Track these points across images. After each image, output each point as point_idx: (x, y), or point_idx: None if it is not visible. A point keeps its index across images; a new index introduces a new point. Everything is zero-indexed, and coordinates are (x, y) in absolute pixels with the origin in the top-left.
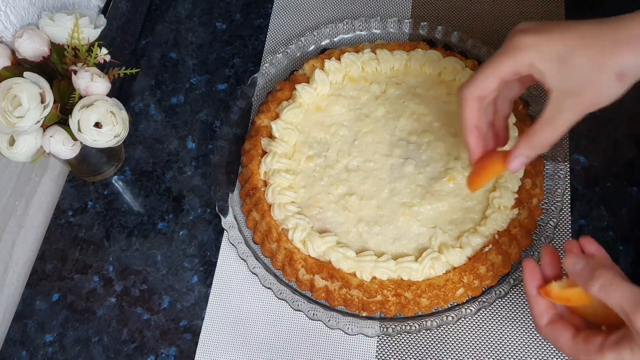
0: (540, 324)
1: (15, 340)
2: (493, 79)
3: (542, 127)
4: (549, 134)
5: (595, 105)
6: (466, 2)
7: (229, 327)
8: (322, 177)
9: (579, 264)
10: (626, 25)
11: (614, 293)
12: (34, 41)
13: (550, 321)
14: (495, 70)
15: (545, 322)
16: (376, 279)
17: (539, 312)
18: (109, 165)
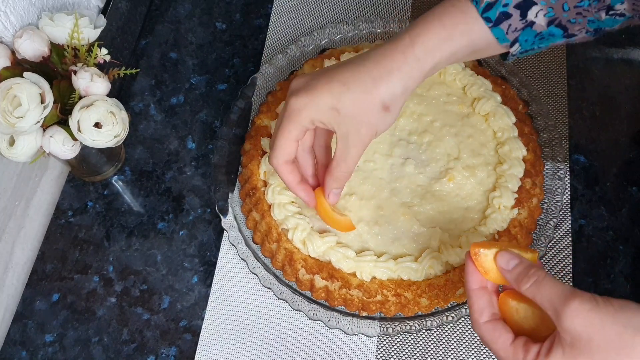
0: (479, 320)
1: (15, 341)
2: (290, 142)
3: (338, 164)
4: (345, 168)
5: (376, 134)
6: None
7: (229, 327)
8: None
9: (513, 262)
10: (379, 64)
11: (545, 290)
12: (33, 41)
13: (490, 319)
14: (288, 136)
15: (485, 319)
16: (376, 279)
17: (480, 308)
18: (109, 165)
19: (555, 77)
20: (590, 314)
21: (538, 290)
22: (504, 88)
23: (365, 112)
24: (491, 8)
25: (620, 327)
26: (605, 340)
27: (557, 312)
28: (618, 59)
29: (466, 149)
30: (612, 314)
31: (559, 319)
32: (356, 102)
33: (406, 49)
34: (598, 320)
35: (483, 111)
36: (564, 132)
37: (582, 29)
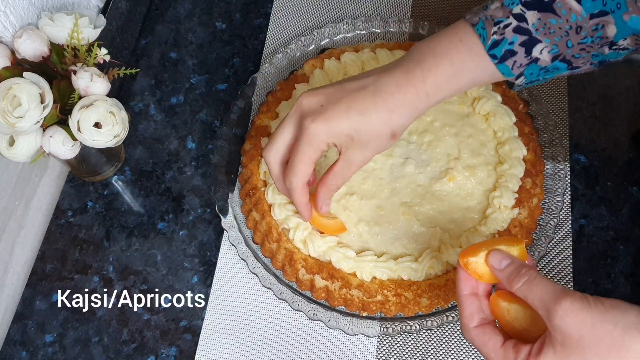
0: (468, 325)
1: (15, 341)
2: (308, 166)
3: (335, 177)
4: (340, 182)
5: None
6: (466, 2)
7: (229, 327)
8: None
9: (504, 262)
10: (393, 96)
11: (536, 288)
12: (33, 41)
13: (479, 324)
14: (307, 160)
15: (475, 324)
16: (376, 279)
17: (469, 313)
18: (108, 165)
19: (555, 77)
20: (581, 312)
21: (530, 289)
22: (504, 88)
23: (375, 139)
24: (497, 46)
25: (610, 325)
26: (596, 338)
27: (548, 311)
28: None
29: (466, 149)
30: (603, 313)
31: (550, 317)
32: (370, 131)
33: (418, 84)
34: (589, 318)
35: (483, 111)
36: (564, 132)
37: (586, 62)
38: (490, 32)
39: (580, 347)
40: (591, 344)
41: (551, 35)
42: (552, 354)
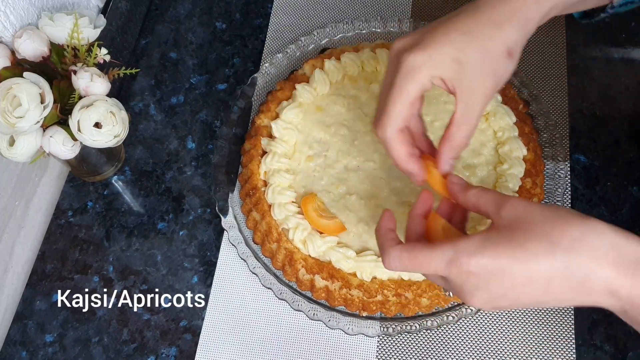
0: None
1: (16, 341)
2: (406, 106)
3: (459, 128)
4: (467, 131)
5: (497, 87)
6: (466, 2)
7: (229, 327)
8: (322, 176)
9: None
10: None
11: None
12: (33, 41)
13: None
14: (404, 98)
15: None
16: (376, 279)
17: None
18: (108, 165)
19: (555, 77)
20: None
21: (482, 193)
22: (504, 87)
23: (490, 61)
24: None
25: (557, 210)
26: (542, 217)
27: (498, 205)
28: (618, 58)
29: (466, 149)
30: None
31: (500, 210)
32: (481, 51)
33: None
34: (538, 206)
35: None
36: (565, 132)
37: None
38: None
39: (526, 225)
40: (537, 221)
41: None
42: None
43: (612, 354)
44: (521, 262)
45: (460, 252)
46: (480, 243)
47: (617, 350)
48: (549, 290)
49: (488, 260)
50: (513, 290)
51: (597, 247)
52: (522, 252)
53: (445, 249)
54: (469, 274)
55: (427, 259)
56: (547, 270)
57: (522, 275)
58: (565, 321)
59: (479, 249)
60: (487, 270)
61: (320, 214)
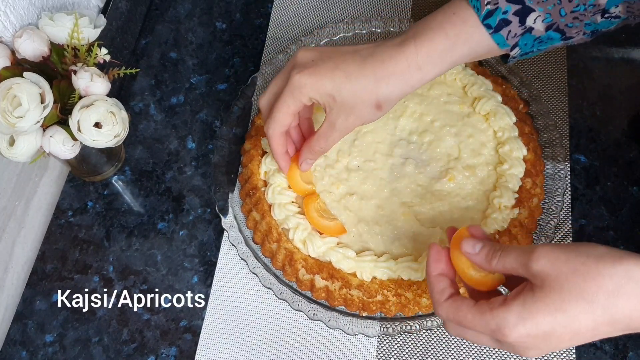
0: (441, 300)
1: (15, 340)
2: (287, 115)
3: (318, 140)
4: (324, 145)
5: (360, 124)
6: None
7: (229, 327)
8: (323, 176)
9: (478, 246)
10: (383, 64)
11: (511, 253)
12: (33, 41)
13: (450, 296)
14: (287, 110)
15: (446, 298)
16: (376, 279)
17: (440, 289)
18: (109, 165)
19: (555, 77)
20: (555, 251)
21: (506, 257)
22: (504, 88)
23: (358, 106)
24: (491, 15)
25: (583, 258)
26: (572, 270)
27: (525, 264)
28: (618, 58)
29: (466, 149)
30: (575, 249)
31: (528, 267)
32: (353, 96)
33: (410, 57)
34: (563, 255)
35: (483, 111)
36: (565, 132)
37: (579, 31)
38: (484, 3)
39: (557, 282)
40: (568, 277)
41: (544, 3)
42: (531, 296)
43: (612, 354)
44: (563, 324)
45: (501, 324)
46: (519, 313)
47: (617, 350)
48: (597, 335)
49: (530, 328)
50: (562, 344)
51: (634, 295)
52: (561, 315)
53: (487, 319)
54: (516, 341)
55: (472, 324)
56: (591, 325)
57: (567, 333)
58: None
59: (519, 319)
60: (533, 337)
61: (321, 215)
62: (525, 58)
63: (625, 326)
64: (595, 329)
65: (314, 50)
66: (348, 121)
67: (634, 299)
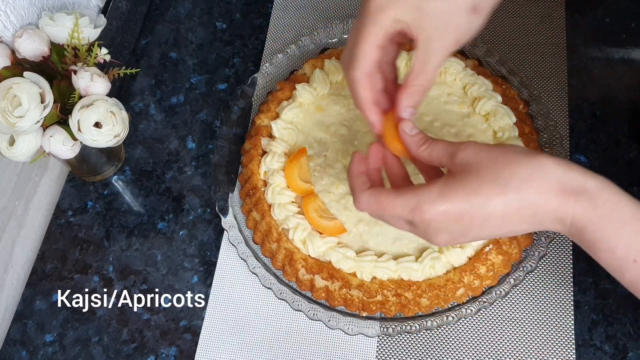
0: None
1: (15, 340)
2: (373, 49)
3: (417, 76)
4: (424, 80)
5: (459, 43)
6: None
7: (229, 327)
8: (322, 176)
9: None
10: None
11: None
12: (33, 41)
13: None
14: (371, 40)
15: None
16: (376, 279)
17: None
18: (109, 165)
19: (555, 77)
20: (481, 146)
21: (435, 146)
22: (504, 88)
23: (453, 13)
24: None
25: (505, 150)
26: (492, 159)
27: (451, 154)
28: (618, 58)
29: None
30: (499, 145)
31: (453, 157)
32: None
33: None
34: (487, 148)
35: (483, 111)
36: (565, 132)
37: None
38: None
39: (477, 169)
40: (487, 164)
41: None
42: (452, 179)
43: (612, 354)
44: (477, 205)
45: (422, 200)
46: (439, 191)
47: (617, 350)
48: (505, 225)
49: (447, 206)
50: (472, 229)
51: (543, 183)
52: (476, 196)
53: (408, 197)
54: (431, 220)
55: (392, 205)
56: (501, 209)
57: (479, 216)
58: (564, 321)
59: (439, 196)
60: (448, 215)
61: (320, 215)
62: None
63: (532, 215)
64: (505, 215)
65: None
66: (446, 36)
67: (542, 187)
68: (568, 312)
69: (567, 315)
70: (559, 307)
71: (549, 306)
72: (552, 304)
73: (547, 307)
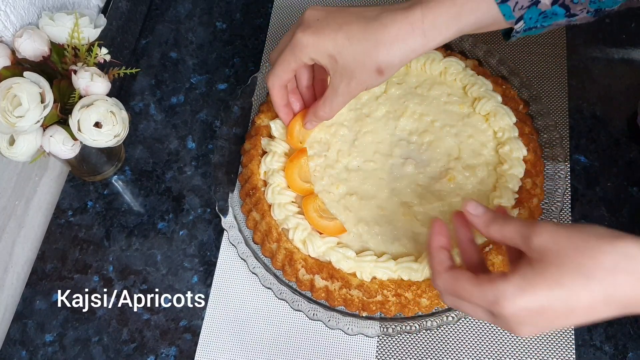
0: (440, 270)
1: (15, 340)
2: (286, 72)
3: (323, 104)
4: (328, 110)
5: (363, 90)
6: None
7: (229, 327)
8: (323, 176)
9: (480, 209)
10: (386, 29)
11: (512, 224)
12: (34, 41)
13: (449, 267)
14: (287, 67)
15: (445, 269)
16: (376, 279)
17: (440, 261)
18: (109, 165)
19: (555, 77)
20: (557, 228)
21: (505, 226)
22: (504, 88)
23: (359, 69)
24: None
25: (585, 235)
26: (573, 246)
27: (525, 237)
28: (618, 59)
29: (466, 149)
30: (577, 227)
31: (529, 240)
32: (354, 59)
33: (415, 22)
34: (564, 232)
35: (483, 111)
36: (565, 132)
37: (583, 9)
38: None
39: (557, 258)
40: (568, 253)
41: None
42: (531, 269)
43: (612, 355)
44: (560, 298)
45: (501, 295)
46: (518, 285)
47: (617, 350)
48: (592, 315)
49: (528, 302)
50: (557, 320)
51: (631, 272)
52: (559, 290)
53: (486, 290)
54: (512, 315)
55: (469, 294)
56: (587, 302)
57: (564, 309)
58: None
59: (519, 291)
60: (530, 310)
61: (320, 215)
62: (527, 34)
63: (622, 305)
64: (591, 307)
65: (322, 10)
66: (350, 86)
67: (630, 277)
68: None
69: None
70: None
71: None
72: None
73: None
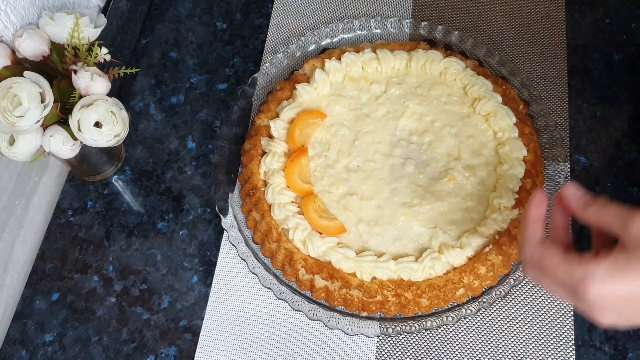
0: (531, 241)
1: (15, 340)
2: None
3: None
4: None
5: None
6: (467, 2)
7: (229, 327)
8: (323, 177)
9: (580, 192)
10: None
11: (611, 208)
12: (34, 40)
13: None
14: None
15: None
16: (376, 279)
17: (533, 231)
18: (109, 165)
19: (555, 78)
20: None
21: (603, 209)
22: (504, 88)
23: None
24: None
25: None
26: None
27: (623, 222)
28: (618, 59)
29: (466, 149)
30: None
31: (628, 226)
32: None
33: None
34: None
35: (484, 111)
36: (565, 133)
37: None
38: None
39: None
40: None
41: None
42: (624, 256)
43: (611, 355)
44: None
45: (590, 275)
46: (610, 268)
47: (617, 350)
48: None
49: (618, 287)
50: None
51: None
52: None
53: (574, 268)
54: (598, 297)
55: (555, 266)
56: None
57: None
58: (564, 322)
59: (608, 275)
60: (618, 296)
61: (320, 215)
62: None
63: None
64: None
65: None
66: None
67: None
68: (568, 313)
69: (567, 316)
70: (558, 307)
71: (549, 307)
72: (552, 304)
73: (546, 307)
